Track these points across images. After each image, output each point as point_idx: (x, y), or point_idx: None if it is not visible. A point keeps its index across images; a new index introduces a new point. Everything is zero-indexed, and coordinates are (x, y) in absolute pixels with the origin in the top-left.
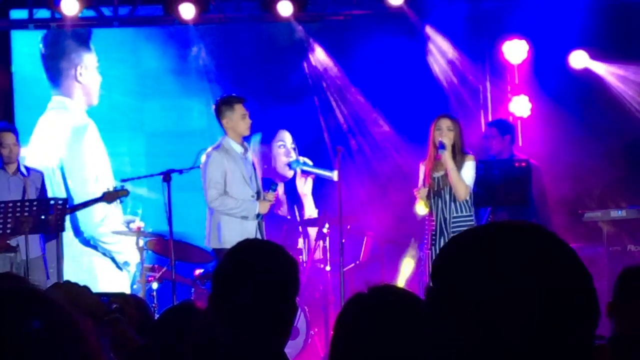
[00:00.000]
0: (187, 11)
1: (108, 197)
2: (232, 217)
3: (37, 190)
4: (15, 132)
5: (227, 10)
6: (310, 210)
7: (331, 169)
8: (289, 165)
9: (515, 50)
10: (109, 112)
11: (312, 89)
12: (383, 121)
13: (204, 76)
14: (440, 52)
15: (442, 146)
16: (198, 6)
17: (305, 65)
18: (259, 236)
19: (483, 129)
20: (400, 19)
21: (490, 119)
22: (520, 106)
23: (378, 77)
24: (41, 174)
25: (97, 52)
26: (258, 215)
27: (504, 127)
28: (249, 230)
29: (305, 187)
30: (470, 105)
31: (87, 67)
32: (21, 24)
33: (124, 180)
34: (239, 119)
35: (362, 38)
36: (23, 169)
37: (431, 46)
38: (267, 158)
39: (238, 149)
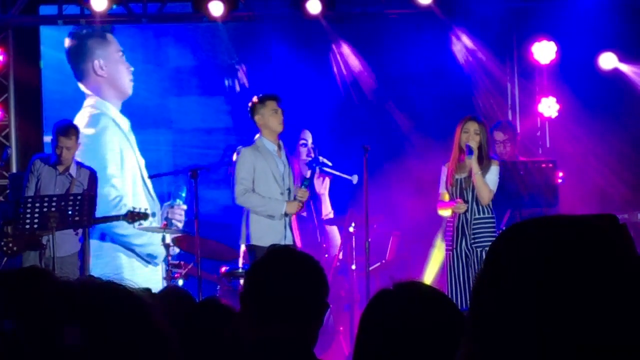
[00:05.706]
0: (216, 8)
1: (130, 216)
2: (259, 215)
3: (83, 190)
4: (74, 132)
5: (256, 8)
6: (327, 209)
7: (351, 174)
8: (309, 164)
9: (544, 51)
10: (136, 109)
11: (339, 87)
12: (410, 120)
13: (231, 74)
14: (469, 52)
15: (470, 152)
16: (227, 4)
17: (332, 64)
18: (288, 235)
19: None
20: (429, 19)
21: (518, 119)
22: (548, 107)
23: (406, 76)
24: (91, 172)
25: (123, 49)
26: (286, 215)
27: (514, 129)
28: (277, 228)
29: (322, 186)
30: (498, 106)
31: (107, 59)
32: (50, 20)
33: (151, 177)
34: (270, 114)
35: (390, 37)
36: (74, 169)
37: (459, 46)
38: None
39: (271, 147)
